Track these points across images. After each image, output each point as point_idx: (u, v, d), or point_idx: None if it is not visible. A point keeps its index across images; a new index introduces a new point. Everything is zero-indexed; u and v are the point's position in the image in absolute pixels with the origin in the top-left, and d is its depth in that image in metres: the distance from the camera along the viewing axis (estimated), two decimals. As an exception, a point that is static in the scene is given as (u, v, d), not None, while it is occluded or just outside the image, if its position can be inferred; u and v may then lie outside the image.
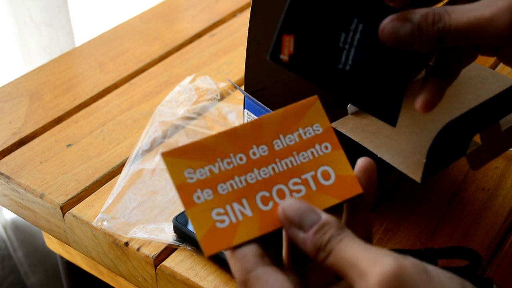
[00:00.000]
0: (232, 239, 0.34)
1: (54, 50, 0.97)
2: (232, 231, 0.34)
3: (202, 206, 0.35)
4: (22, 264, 1.01)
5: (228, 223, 0.35)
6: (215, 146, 0.36)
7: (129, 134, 0.69)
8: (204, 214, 0.34)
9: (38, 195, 0.61)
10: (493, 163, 0.64)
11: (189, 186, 0.35)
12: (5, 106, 0.73)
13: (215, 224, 0.34)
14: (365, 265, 0.32)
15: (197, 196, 0.35)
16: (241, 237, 0.34)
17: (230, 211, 0.35)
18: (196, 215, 0.34)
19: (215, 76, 0.77)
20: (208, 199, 0.35)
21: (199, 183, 0.35)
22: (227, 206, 0.35)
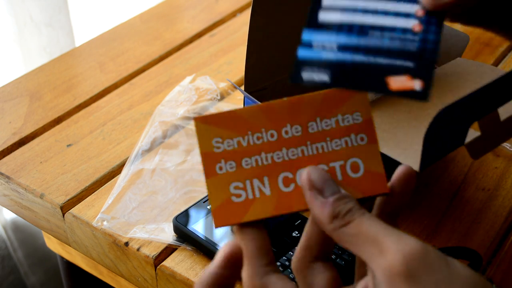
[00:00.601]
0: (243, 215, 0.34)
1: (54, 50, 0.97)
2: (246, 207, 0.34)
3: (222, 177, 0.34)
4: (22, 264, 1.00)
5: (244, 198, 0.34)
6: (249, 118, 0.35)
7: (129, 134, 0.69)
8: (222, 186, 0.34)
9: (38, 195, 0.61)
10: (493, 163, 0.64)
11: (214, 155, 0.34)
12: (5, 106, 0.73)
13: (231, 197, 0.34)
14: (389, 242, 0.31)
15: (219, 167, 0.34)
16: (253, 215, 0.34)
17: (248, 187, 0.34)
18: (214, 186, 0.34)
19: (215, 76, 0.77)
20: (230, 171, 0.34)
21: (225, 154, 0.35)
22: (247, 181, 0.34)
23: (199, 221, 0.56)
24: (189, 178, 0.63)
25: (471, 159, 0.65)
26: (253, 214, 0.34)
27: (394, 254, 0.30)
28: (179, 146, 0.67)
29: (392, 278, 0.30)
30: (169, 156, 0.65)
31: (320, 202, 0.33)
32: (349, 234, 0.32)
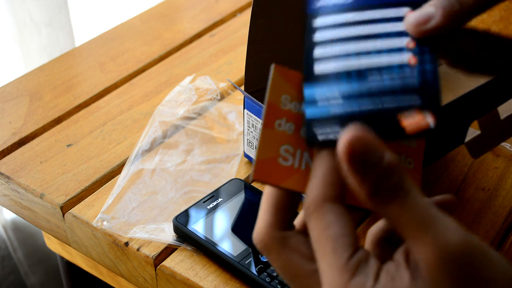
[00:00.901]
0: (283, 180, 0.33)
1: (54, 50, 0.97)
2: (288, 174, 0.33)
3: (278, 134, 0.33)
4: (22, 264, 1.00)
5: (290, 164, 0.33)
6: None
7: (129, 134, 0.69)
8: (274, 142, 0.33)
9: (38, 195, 0.61)
10: (493, 163, 0.64)
11: (278, 110, 0.34)
12: (5, 106, 0.73)
13: (278, 158, 0.33)
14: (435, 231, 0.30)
15: (279, 123, 0.33)
16: (293, 184, 0.33)
17: (298, 156, 0.34)
18: (267, 138, 0.33)
19: (215, 76, 0.77)
20: (287, 132, 0.34)
21: (288, 114, 0.34)
22: (298, 150, 0.34)
23: (199, 221, 0.56)
24: (189, 178, 0.63)
25: (471, 159, 0.65)
26: (293, 184, 0.33)
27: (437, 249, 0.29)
28: (179, 146, 0.67)
29: (435, 270, 0.30)
30: (169, 156, 0.65)
31: (360, 178, 0.30)
32: (390, 214, 0.31)
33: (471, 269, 0.30)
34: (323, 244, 0.32)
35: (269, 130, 0.33)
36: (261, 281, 0.51)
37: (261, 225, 0.34)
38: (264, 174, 0.33)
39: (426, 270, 0.30)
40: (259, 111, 0.59)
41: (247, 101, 0.60)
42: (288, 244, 0.33)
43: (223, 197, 0.59)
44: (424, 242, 0.30)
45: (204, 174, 0.63)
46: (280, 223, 0.33)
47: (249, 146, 0.63)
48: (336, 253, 0.31)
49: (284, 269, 0.33)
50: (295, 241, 0.33)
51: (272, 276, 0.51)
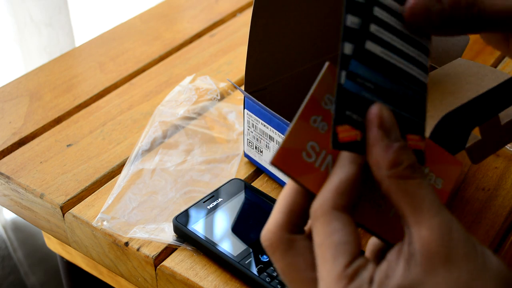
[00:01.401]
0: (300, 175, 0.33)
1: (54, 50, 0.97)
2: (306, 170, 0.33)
3: (310, 129, 0.33)
4: (22, 264, 1.00)
5: (312, 161, 0.33)
6: None
7: (129, 134, 0.69)
8: (304, 136, 0.33)
9: (38, 195, 0.61)
10: (493, 163, 0.64)
11: (318, 107, 0.33)
12: (5, 106, 0.73)
13: (302, 152, 0.33)
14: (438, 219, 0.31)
15: (314, 119, 0.33)
16: (308, 182, 0.33)
17: (321, 156, 0.33)
18: (298, 130, 0.33)
19: (215, 76, 0.77)
20: (319, 130, 0.33)
21: (326, 113, 0.33)
22: (324, 151, 0.34)
23: (199, 221, 0.56)
24: (189, 178, 0.63)
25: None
26: (308, 181, 0.33)
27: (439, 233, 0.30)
28: (179, 146, 0.67)
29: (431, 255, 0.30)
30: (169, 156, 0.65)
31: (385, 144, 0.32)
32: (404, 190, 0.31)
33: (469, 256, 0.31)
34: (325, 250, 0.32)
35: (303, 122, 0.33)
36: (261, 281, 0.51)
37: (271, 224, 0.34)
38: (283, 162, 0.33)
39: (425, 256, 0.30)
40: (259, 111, 0.59)
41: (247, 101, 0.60)
42: (294, 248, 0.33)
43: (223, 197, 0.59)
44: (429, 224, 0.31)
45: (204, 174, 0.63)
46: (290, 226, 0.33)
47: (249, 146, 0.63)
48: (336, 259, 0.31)
49: (285, 272, 0.33)
50: (301, 246, 0.33)
51: (272, 276, 0.51)
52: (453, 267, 0.30)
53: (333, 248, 0.32)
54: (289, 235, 0.33)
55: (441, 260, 0.30)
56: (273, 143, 0.59)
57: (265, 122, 0.59)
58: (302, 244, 0.33)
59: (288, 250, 0.33)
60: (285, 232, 0.33)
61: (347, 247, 0.32)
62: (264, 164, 0.62)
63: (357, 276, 0.31)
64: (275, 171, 0.61)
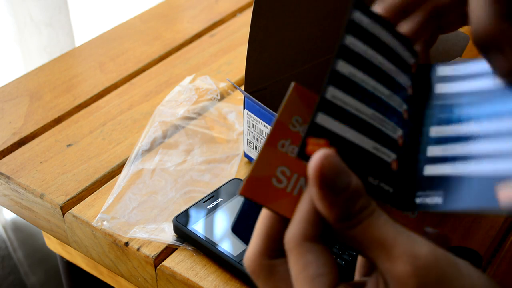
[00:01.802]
0: (271, 202, 0.32)
1: (54, 50, 0.97)
2: (278, 196, 0.32)
3: (278, 154, 0.32)
4: (22, 264, 1.01)
5: (283, 187, 0.32)
6: None
7: (129, 134, 0.69)
8: (273, 162, 0.32)
9: (38, 195, 0.61)
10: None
11: (286, 131, 0.33)
12: (5, 106, 0.73)
13: (272, 178, 0.32)
14: (399, 249, 0.30)
15: (282, 144, 0.32)
16: (280, 208, 0.32)
17: (293, 180, 0.32)
18: (266, 156, 0.32)
19: (215, 76, 0.77)
20: (288, 154, 0.32)
21: (294, 136, 0.33)
22: (295, 174, 0.32)
23: (199, 221, 0.56)
24: (189, 178, 0.63)
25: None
26: (280, 207, 0.32)
27: (404, 263, 0.29)
28: (179, 146, 0.67)
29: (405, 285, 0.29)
30: (169, 156, 0.65)
31: (329, 203, 0.31)
32: (357, 236, 0.31)
33: (442, 280, 0.30)
34: (301, 284, 0.31)
35: (270, 148, 0.32)
36: (261, 281, 0.51)
37: (251, 251, 0.33)
38: (253, 191, 0.32)
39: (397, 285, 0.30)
40: (259, 111, 0.59)
41: (247, 101, 0.60)
42: (276, 273, 0.33)
43: (223, 197, 0.59)
44: (392, 258, 0.30)
45: (204, 174, 0.63)
46: (270, 251, 0.33)
47: (249, 146, 0.63)
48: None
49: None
50: (283, 270, 0.33)
51: (272, 276, 0.51)
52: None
53: (309, 282, 0.31)
54: (269, 261, 0.33)
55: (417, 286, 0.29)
56: (273, 143, 0.59)
57: (265, 122, 0.59)
58: (283, 268, 0.33)
59: (270, 276, 0.33)
60: (264, 258, 0.33)
61: (323, 280, 0.31)
62: None
63: None
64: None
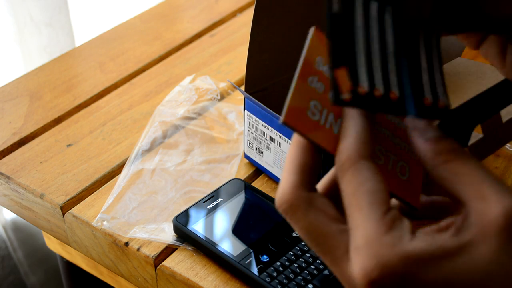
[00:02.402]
0: (310, 131, 0.33)
1: (54, 50, 0.97)
2: (315, 127, 0.34)
3: (310, 89, 0.34)
4: (22, 264, 1.01)
5: (317, 119, 0.34)
6: None
7: (129, 134, 0.69)
8: (306, 95, 0.34)
9: (38, 195, 0.61)
10: (493, 163, 0.64)
11: (312, 68, 0.34)
12: (5, 106, 0.73)
13: (307, 110, 0.34)
14: (492, 190, 0.31)
15: (311, 80, 0.34)
16: (318, 138, 0.34)
17: (324, 115, 0.34)
18: (300, 88, 0.34)
19: (215, 76, 0.77)
20: (317, 90, 0.34)
21: (320, 74, 0.35)
22: (325, 110, 0.34)
23: (199, 221, 0.56)
24: (189, 178, 0.63)
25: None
26: (318, 138, 0.34)
27: (496, 203, 0.30)
28: (179, 146, 0.67)
29: (486, 225, 0.30)
30: (169, 156, 0.65)
31: (424, 139, 0.33)
32: (452, 171, 0.32)
33: None
34: (359, 198, 0.32)
35: (302, 83, 0.34)
36: (261, 281, 0.51)
37: (286, 185, 0.33)
38: (294, 120, 0.33)
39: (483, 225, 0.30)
40: (260, 112, 0.59)
41: (247, 102, 0.60)
42: (315, 204, 0.33)
43: (223, 197, 0.59)
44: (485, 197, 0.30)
45: (204, 174, 0.63)
46: (306, 184, 0.33)
47: (250, 147, 0.63)
48: (373, 206, 0.31)
49: (309, 229, 0.33)
50: (321, 202, 0.33)
51: (272, 276, 0.51)
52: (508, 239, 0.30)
53: (368, 195, 0.32)
54: (308, 193, 0.33)
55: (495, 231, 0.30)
56: (274, 144, 0.59)
57: (266, 123, 0.59)
58: (321, 200, 0.33)
59: (309, 208, 0.33)
60: (303, 190, 0.33)
61: (381, 195, 0.32)
62: (265, 165, 0.62)
63: (396, 225, 0.31)
64: (276, 172, 0.61)
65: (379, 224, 0.31)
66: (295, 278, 0.51)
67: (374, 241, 0.31)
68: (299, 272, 0.52)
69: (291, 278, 0.51)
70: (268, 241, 0.54)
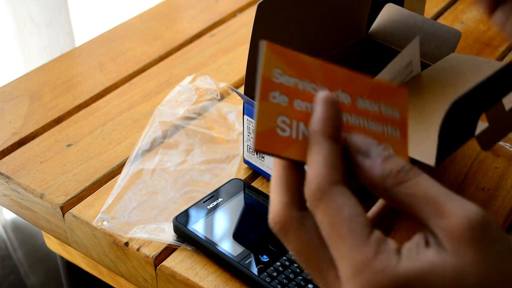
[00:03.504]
0: (284, 150, 0.33)
1: (54, 50, 0.97)
2: (287, 143, 0.33)
3: (274, 106, 0.34)
4: (22, 264, 1.01)
5: (288, 134, 0.34)
6: (310, 67, 0.35)
7: (129, 134, 0.69)
8: (272, 113, 0.33)
9: (38, 195, 0.61)
10: (493, 163, 0.64)
11: (272, 83, 0.34)
12: (5, 106, 0.73)
13: (276, 128, 0.33)
14: (451, 205, 0.30)
15: (273, 96, 0.34)
16: (294, 154, 0.33)
17: (294, 127, 0.34)
18: (264, 109, 0.33)
19: (215, 76, 0.77)
20: (282, 104, 0.34)
21: (281, 87, 0.34)
22: (294, 121, 0.34)
23: (199, 221, 0.56)
24: (189, 178, 0.63)
25: (471, 159, 0.65)
26: (294, 153, 0.33)
27: (457, 217, 0.30)
28: (179, 146, 0.67)
29: (455, 240, 0.30)
30: (169, 156, 0.65)
31: (369, 164, 0.32)
32: (405, 194, 0.31)
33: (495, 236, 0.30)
34: (339, 227, 0.31)
35: (265, 102, 0.34)
36: (261, 281, 0.51)
37: (277, 206, 0.33)
38: (265, 144, 0.33)
39: (452, 241, 0.30)
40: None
41: (247, 107, 0.60)
42: (306, 225, 0.32)
43: (223, 197, 0.59)
44: (446, 214, 0.30)
45: (204, 174, 0.63)
46: (296, 203, 0.33)
47: (249, 152, 0.62)
48: (355, 232, 0.31)
49: (301, 251, 0.33)
50: (312, 222, 0.32)
51: (272, 276, 0.51)
52: (480, 248, 0.30)
53: (347, 223, 0.31)
54: (299, 212, 0.33)
55: (466, 243, 0.30)
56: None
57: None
58: (312, 220, 0.33)
59: (301, 228, 0.32)
60: (294, 210, 0.33)
61: (361, 219, 0.31)
62: (266, 169, 0.62)
63: (381, 247, 0.31)
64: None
65: (365, 250, 0.30)
66: (295, 278, 0.51)
67: (364, 269, 0.30)
68: (299, 272, 0.52)
69: (291, 278, 0.51)
70: (268, 241, 0.54)
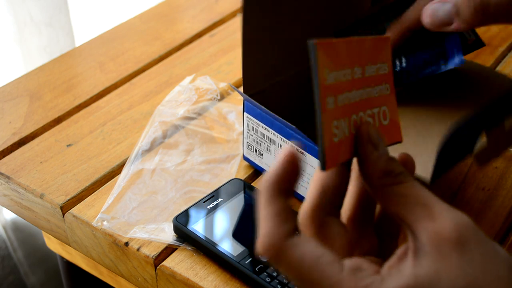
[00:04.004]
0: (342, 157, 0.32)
1: (54, 50, 0.97)
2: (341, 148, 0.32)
3: (329, 113, 0.31)
4: (22, 264, 1.01)
5: (339, 138, 0.32)
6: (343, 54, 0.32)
7: (129, 134, 0.69)
8: (329, 123, 0.31)
9: (38, 195, 0.61)
10: (493, 163, 0.64)
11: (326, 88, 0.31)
12: (5, 106, 0.73)
13: (334, 138, 0.31)
14: (440, 208, 0.31)
15: (327, 102, 0.31)
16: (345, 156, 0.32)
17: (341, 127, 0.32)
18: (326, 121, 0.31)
19: (215, 76, 0.77)
20: (331, 107, 0.31)
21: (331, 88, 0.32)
22: (341, 121, 0.32)
23: (199, 221, 0.56)
24: (189, 178, 0.63)
25: (471, 159, 0.65)
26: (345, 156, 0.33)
27: (445, 219, 0.31)
28: (179, 146, 0.67)
29: (441, 242, 0.30)
30: (169, 156, 0.65)
31: (376, 156, 0.33)
32: (399, 194, 0.32)
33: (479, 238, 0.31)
34: (308, 275, 0.31)
35: (325, 114, 0.31)
36: (261, 281, 0.51)
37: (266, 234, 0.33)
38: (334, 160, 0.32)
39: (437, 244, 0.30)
40: (260, 114, 0.59)
41: (247, 104, 0.60)
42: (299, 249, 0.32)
43: (223, 197, 0.59)
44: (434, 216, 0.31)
45: (204, 174, 0.63)
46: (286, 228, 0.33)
47: (249, 149, 0.62)
48: (326, 273, 0.31)
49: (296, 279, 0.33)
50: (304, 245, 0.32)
51: (272, 276, 0.51)
52: (465, 250, 0.30)
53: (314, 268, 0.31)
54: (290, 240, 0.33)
55: (451, 245, 0.30)
56: (275, 146, 0.59)
57: (266, 125, 0.59)
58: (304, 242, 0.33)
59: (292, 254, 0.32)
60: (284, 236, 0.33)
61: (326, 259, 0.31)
62: (264, 167, 0.62)
63: (361, 276, 0.31)
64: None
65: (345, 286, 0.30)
66: None
67: None
68: (299, 272, 0.52)
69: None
70: (268, 241, 0.54)
